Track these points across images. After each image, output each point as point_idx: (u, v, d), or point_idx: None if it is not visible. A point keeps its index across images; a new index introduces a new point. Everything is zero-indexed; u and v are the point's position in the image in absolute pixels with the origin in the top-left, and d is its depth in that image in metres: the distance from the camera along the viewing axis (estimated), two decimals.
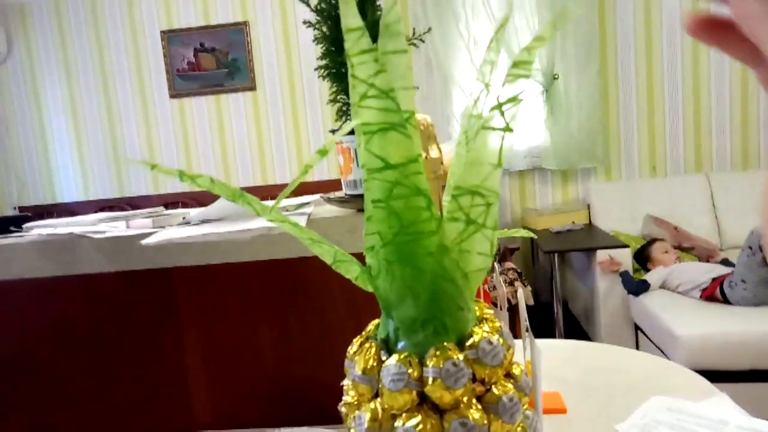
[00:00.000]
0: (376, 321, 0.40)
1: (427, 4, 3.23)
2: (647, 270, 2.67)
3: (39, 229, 0.67)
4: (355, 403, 0.37)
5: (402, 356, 0.34)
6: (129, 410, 0.64)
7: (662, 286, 2.55)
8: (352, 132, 0.62)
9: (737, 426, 0.57)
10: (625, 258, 2.62)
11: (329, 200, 0.63)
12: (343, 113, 0.64)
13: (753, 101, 3.17)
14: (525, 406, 0.37)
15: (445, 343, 0.34)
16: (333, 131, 0.63)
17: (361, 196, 0.63)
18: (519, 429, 0.35)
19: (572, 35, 3.13)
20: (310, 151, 3.50)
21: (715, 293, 2.34)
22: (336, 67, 0.62)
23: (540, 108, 3.26)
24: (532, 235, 0.47)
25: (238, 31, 3.44)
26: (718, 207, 3.04)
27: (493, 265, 2.72)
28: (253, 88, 3.47)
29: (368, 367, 0.35)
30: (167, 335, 0.63)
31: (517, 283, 2.64)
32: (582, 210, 3.22)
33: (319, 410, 0.60)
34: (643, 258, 2.71)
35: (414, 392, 0.34)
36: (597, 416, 0.64)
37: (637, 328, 2.61)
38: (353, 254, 0.61)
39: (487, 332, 0.36)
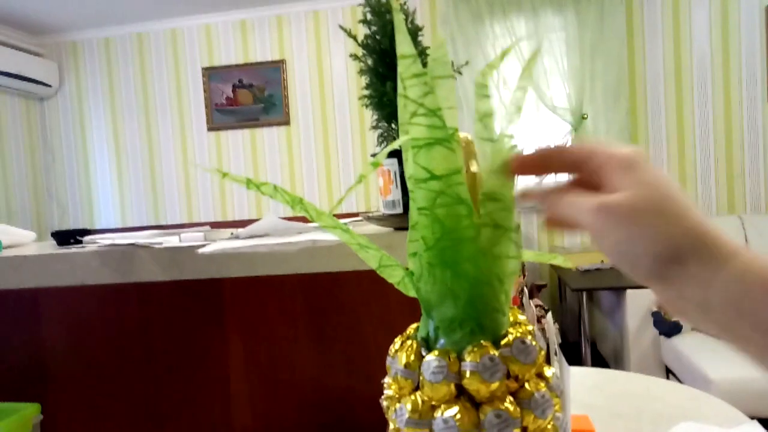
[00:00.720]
0: (415, 324, 0.44)
1: (458, 45, 3.33)
2: None
3: (99, 242, 0.73)
4: (396, 396, 0.40)
5: (441, 351, 0.37)
6: (173, 413, 0.68)
7: (695, 328, 2.50)
8: (392, 155, 0.67)
9: None
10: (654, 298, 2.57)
11: (369, 218, 0.67)
12: (384, 138, 0.69)
13: None
14: (556, 407, 0.39)
15: (482, 341, 0.37)
16: (374, 155, 0.68)
17: (398, 216, 0.67)
18: (550, 426, 0.37)
19: (601, 75, 3.18)
20: (340, 183, 3.58)
21: None
22: (378, 96, 0.67)
23: None
24: (568, 264, 0.50)
25: (275, 68, 3.58)
26: (752, 248, 2.98)
27: (522, 287, 2.71)
28: (287, 123, 3.59)
29: (410, 361, 0.38)
30: (213, 343, 0.67)
31: (544, 320, 2.61)
32: None
33: (355, 419, 0.63)
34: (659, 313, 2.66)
35: (452, 385, 0.36)
36: None
37: (668, 371, 2.54)
38: None
39: (521, 333, 0.38)
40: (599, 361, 3.09)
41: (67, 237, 0.80)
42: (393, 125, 0.73)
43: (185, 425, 0.67)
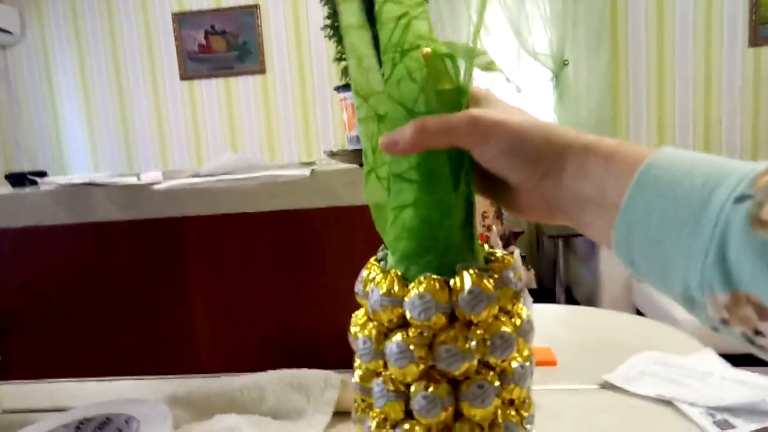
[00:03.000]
0: (373, 258, 0.42)
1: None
2: None
3: (55, 182, 0.70)
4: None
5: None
6: (136, 353, 0.67)
7: None
8: None
9: (721, 377, 0.59)
10: None
11: (332, 154, 0.66)
12: (347, 71, 0.66)
13: (764, 89, 3.15)
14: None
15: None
16: (337, 88, 0.65)
17: (362, 152, 0.65)
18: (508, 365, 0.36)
19: (583, 21, 3.12)
20: (318, 133, 3.52)
21: None
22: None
23: (549, 94, 3.25)
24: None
25: (249, 14, 3.45)
26: None
27: (492, 227, 2.72)
28: (263, 72, 3.49)
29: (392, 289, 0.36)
30: (174, 283, 0.66)
31: (519, 263, 2.66)
32: None
33: (319, 355, 0.63)
34: None
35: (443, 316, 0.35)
36: (586, 368, 0.66)
37: (639, 313, 2.62)
38: (354, 207, 0.64)
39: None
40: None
41: (21, 179, 0.77)
42: None
43: (149, 366, 0.67)
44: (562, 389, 0.61)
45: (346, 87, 0.65)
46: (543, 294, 3.01)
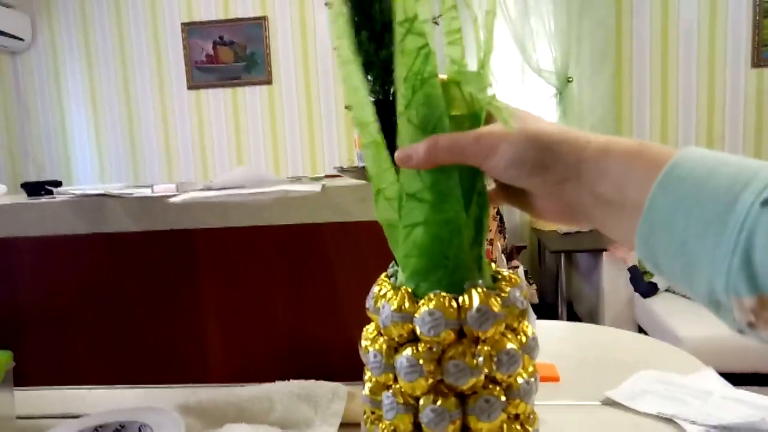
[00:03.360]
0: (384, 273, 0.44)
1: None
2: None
3: (71, 192, 0.72)
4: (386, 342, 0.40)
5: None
6: (147, 362, 0.69)
7: (668, 289, 2.57)
8: None
9: (722, 396, 0.60)
10: (630, 258, 2.63)
11: (343, 170, 0.67)
12: None
13: (767, 110, 3.17)
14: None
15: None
16: (348, 107, 0.67)
17: None
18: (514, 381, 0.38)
19: (588, 38, 3.15)
20: (323, 144, 3.55)
21: None
22: (353, 46, 0.66)
23: (553, 110, 3.28)
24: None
25: (257, 25, 3.49)
26: None
27: (495, 242, 2.73)
28: (269, 82, 3.52)
29: (403, 305, 0.38)
30: (186, 293, 0.67)
31: (523, 282, 2.67)
32: None
33: (327, 367, 0.64)
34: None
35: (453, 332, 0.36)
36: (588, 384, 0.67)
37: (641, 330, 2.62)
38: (364, 222, 0.65)
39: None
40: (575, 321, 3.16)
41: (37, 188, 0.78)
42: (369, 77, 0.72)
43: (160, 375, 0.68)
44: (565, 405, 0.62)
45: None
46: (545, 309, 3.01)
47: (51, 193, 0.76)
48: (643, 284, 2.54)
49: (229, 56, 3.55)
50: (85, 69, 3.65)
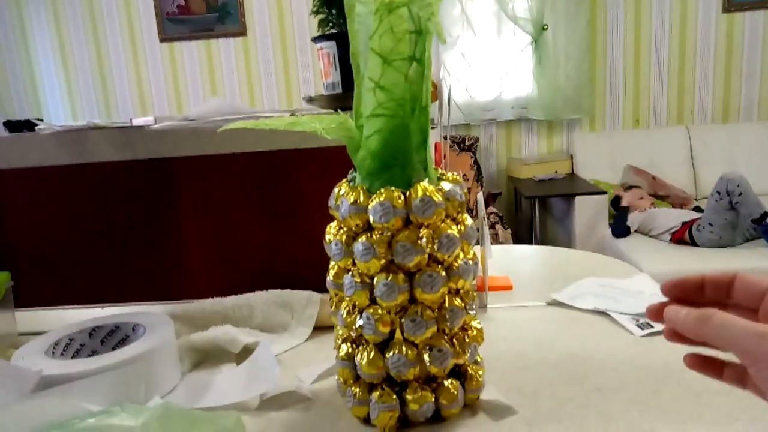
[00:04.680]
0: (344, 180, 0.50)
1: None
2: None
3: (53, 127, 0.75)
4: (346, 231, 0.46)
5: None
6: (135, 282, 0.74)
7: (637, 230, 2.68)
8: (330, 38, 0.70)
9: (651, 293, 0.69)
10: (602, 203, 2.72)
11: (310, 99, 0.72)
12: (325, 23, 0.72)
13: (736, 55, 3.23)
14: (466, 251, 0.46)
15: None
16: (314, 39, 0.71)
17: (338, 96, 0.71)
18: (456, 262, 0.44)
19: None
20: (300, 95, 3.54)
21: (684, 236, 2.47)
22: None
23: (528, 58, 3.30)
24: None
25: None
26: (696, 158, 3.14)
27: (472, 190, 2.81)
28: (243, 34, 3.47)
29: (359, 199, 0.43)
30: (167, 218, 0.73)
31: (498, 227, 2.76)
32: (565, 160, 3.31)
33: (300, 280, 0.71)
34: (618, 204, 2.82)
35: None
36: (537, 291, 0.75)
37: None
38: (330, 148, 0.71)
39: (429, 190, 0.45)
40: None
41: (19, 126, 0.82)
42: (333, 11, 0.75)
43: (147, 294, 0.74)
44: (515, 306, 0.70)
45: (322, 38, 0.71)
46: None
47: (33, 129, 0.79)
48: (622, 226, 2.65)
49: (201, 7, 3.48)
50: (53, 22, 3.55)
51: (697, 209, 2.72)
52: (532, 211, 2.97)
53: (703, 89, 3.29)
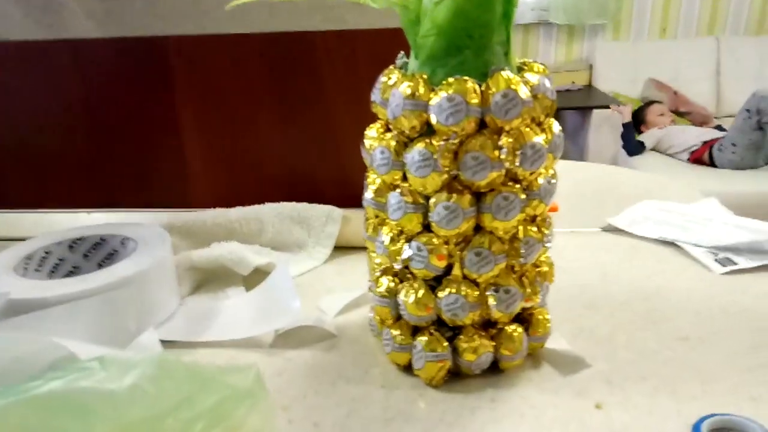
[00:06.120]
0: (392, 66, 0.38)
1: None
2: (640, 132, 2.66)
3: None
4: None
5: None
6: (125, 184, 0.64)
7: (654, 148, 2.56)
8: None
9: (723, 222, 0.59)
10: (626, 113, 2.58)
11: None
12: None
13: None
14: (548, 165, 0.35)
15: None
16: None
17: None
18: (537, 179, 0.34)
19: None
20: None
21: (703, 156, 2.36)
22: None
23: None
24: None
25: None
26: (723, 73, 2.95)
27: None
28: None
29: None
30: (162, 110, 0.61)
31: None
32: (584, 70, 3.12)
33: (318, 193, 0.61)
34: (637, 120, 2.68)
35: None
36: (589, 214, 0.66)
37: None
38: (360, 31, 0.58)
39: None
40: None
41: None
42: None
43: (139, 199, 0.64)
44: (565, 231, 0.60)
45: None
46: None
47: None
48: (633, 142, 2.53)
49: None
50: None
51: (718, 128, 2.58)
52: None
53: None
